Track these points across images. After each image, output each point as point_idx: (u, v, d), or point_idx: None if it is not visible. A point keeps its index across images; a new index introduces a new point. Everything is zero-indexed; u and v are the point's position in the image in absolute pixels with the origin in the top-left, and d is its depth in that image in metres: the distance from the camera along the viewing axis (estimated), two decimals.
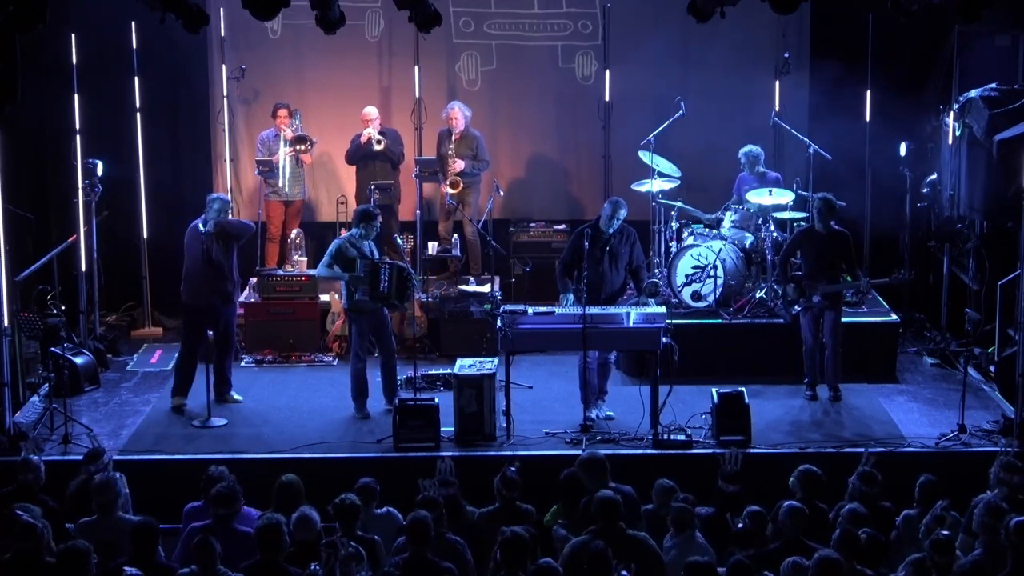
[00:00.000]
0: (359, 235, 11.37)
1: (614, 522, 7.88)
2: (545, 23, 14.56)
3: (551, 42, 14.61)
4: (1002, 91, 12.66)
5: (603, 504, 7.94)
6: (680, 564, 7.46)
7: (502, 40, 14.58)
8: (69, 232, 13.04)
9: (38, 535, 7.59)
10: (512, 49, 14.58)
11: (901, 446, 10.69)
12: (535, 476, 9.27)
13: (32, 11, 8.90)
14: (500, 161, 14.55)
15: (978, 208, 12.92)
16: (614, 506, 7.92)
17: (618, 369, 11.99)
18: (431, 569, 7.56)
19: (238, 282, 11.73)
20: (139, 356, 13.28)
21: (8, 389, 10.83)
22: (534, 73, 14.64)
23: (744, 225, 12.98)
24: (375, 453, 10.60)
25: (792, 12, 10.30)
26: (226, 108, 14.29)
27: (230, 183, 14.42)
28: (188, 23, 10.35)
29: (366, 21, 14.37)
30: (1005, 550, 7.50)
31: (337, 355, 13.08)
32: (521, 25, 14.59)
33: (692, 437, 10.65)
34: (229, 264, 11.49)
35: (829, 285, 11.54)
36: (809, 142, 13.59)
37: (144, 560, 7.64)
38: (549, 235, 14.34)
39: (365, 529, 8.17)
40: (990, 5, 9.73)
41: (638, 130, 13.73)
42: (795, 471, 8.72)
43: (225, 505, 8.18)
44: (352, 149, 13.94)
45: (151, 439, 10.96)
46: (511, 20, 14.58)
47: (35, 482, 8.90)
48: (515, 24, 14.58)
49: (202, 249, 11.30)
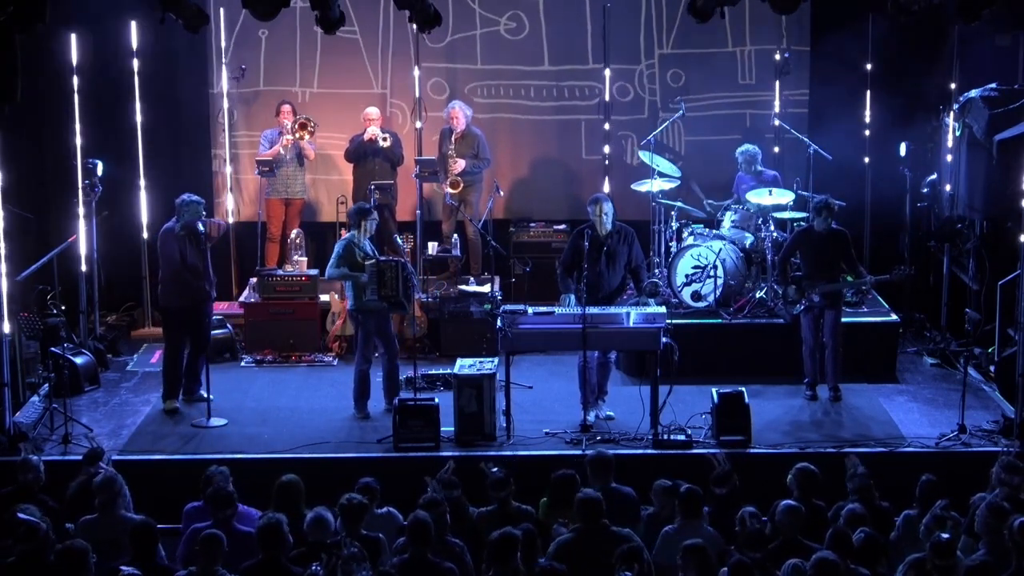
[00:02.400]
0: (357, 234, 11.37)
1: (596, 521, 7.93)
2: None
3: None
4: (1002, 91, 12.65)
5: (584, 503, 8.01)
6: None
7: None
8: (69, 232, 13.03)
9: (42, 536, 7.59)
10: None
11: (901, 446, 10.69)
12: (535, 476, 9.28)
13: (32, 11, 8.91)
14: (500, 161, 14.55)
15: (978, 208, 12.92)
16: (596, 504, 7.99)
17: (618, 369, 11.99)
18: (432, 569, 7.57)
19: (213, 281, 11.73)
20: (139, 356, 13.28)
21: (8, 389, 10.83)
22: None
23: (744, 225, 12.99)
24: (375, 453, 10.60)
25: (792, 12, 10.31)
26: (226, 108, 14.29)
27: (230, 183, 14.42)
28: (188, 23, 10.36)
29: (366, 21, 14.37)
30: (1009, 551, 7.49)
31: (337, 355, 13.07)
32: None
33: (692, 437, 10.65)
34: (204, 264, 11.52)
35: (829, 284, 11.54)
36: (809, 142, 13.59)
37: (144, 560, 7.64)
38: (549, 235, 14.33)
39: (366, 529, 8.16)
40: (990, 5, 9.73)
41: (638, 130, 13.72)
42: (792, 469, 8.73)
43: (219, 507, 8.19)
44: (353, 147, 13.93)
45: (151, 439, 10.96)
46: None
47: (35, 482, 8.91)
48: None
49: (178, 250, 11.33)
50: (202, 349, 11.73)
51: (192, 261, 11.42)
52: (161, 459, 10.55)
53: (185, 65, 14.37)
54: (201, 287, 11.52)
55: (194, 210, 11.43)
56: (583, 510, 8.01)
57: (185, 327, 11.63)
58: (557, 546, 7.92)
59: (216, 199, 14.54)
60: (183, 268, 11.39)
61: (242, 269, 14.32)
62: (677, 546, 7.62)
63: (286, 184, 13.95)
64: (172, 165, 14.39)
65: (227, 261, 14.24)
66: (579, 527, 7.99)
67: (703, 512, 8.35)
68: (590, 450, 9.68)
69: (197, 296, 11.53)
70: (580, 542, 7.91)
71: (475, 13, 14.43)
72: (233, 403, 11.69)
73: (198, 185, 14.24)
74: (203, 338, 11.73)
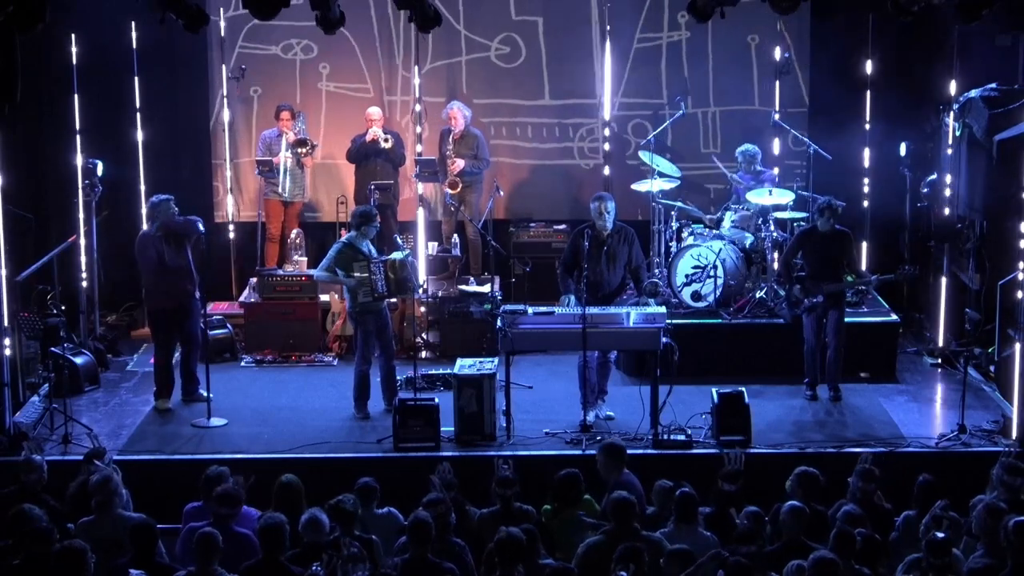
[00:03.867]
0: (357, 236, 11.37)
1: (629, 523, 7.87)
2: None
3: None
4: (1002, 91, 12.64)
5: (617, 505, 7.94)
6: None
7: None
8: (69, 232, 13.03)
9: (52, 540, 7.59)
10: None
11: (901, 446, 10.69)
12: (535, 476, 9.28)
13: (32, 11, 8.90)
14: (500, 161, 14.55)
15: (978, 208, 12.91)
16: (629, 506, 7.92)
17: (618, 369, 11.99)
18: (433, 570, 7.56)
19: (198, 281, 11.64)
20: (139, 356, 13.27)
21: (8, 389, 10.84)
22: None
23: (744, 225, 12.99)
24: (375, 453, 10.60)
25: (792, 12, 10.30)
26: (226, 108, 14.29)
27: (230, 183, 14.42)
28: (188, 23, 10.35)
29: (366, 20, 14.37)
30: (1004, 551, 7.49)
31: (337, 355, 13.07)
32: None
33: (692, 437, 10.65)
34: (186, 264, 11.49)
35: (832, 284, 11.54)
36: (809, 142, 13.59)
37: (143, 560, 7.64)
38: (549, 235, 14.33)
39: (365, 529, 8.18)
40: (990, 5, 9.72)
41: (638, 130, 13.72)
42: (792, 473, 8.71)
43: (227, 505, 8.19)
44: (354, 148, 13.93)
45: (151, 439, 10.96)
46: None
47: (38, 482, 8.90)
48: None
49: (156, 253, 11.33)
50: (194, 348, 11.72)
51: (172, 262, 11.39)
52: (161, 459, 10.55)
53: (185, 65, 14.37)
54: (184, 288, 11.48)
55: (166, 208, 11.41)
56: (615, 511, 7.91)
57: (172, 328, 11.61)
58: (587, 548, 7.83)
59: (216, 199, 14.55)
60: (163, 270, 11.38)
61: (242, 269, 14.31)
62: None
63: (286, 186, 13.94)
64: (172, 165, 14.39)
65: (227, 261, 14.24)
66: (609, 529, 7.92)
67: (698, 516, 8.33)
68: (592, 449, 9.68)
69: (181, 297, 11.50)
70: (610, 545, 7.75)
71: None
72: (233, 403, 11.68)
73: (198, 185, 14.32)
74: (193, 337, 11.70)
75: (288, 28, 14.03)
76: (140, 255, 11.54)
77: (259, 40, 14.32)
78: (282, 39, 14.35)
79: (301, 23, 13.01)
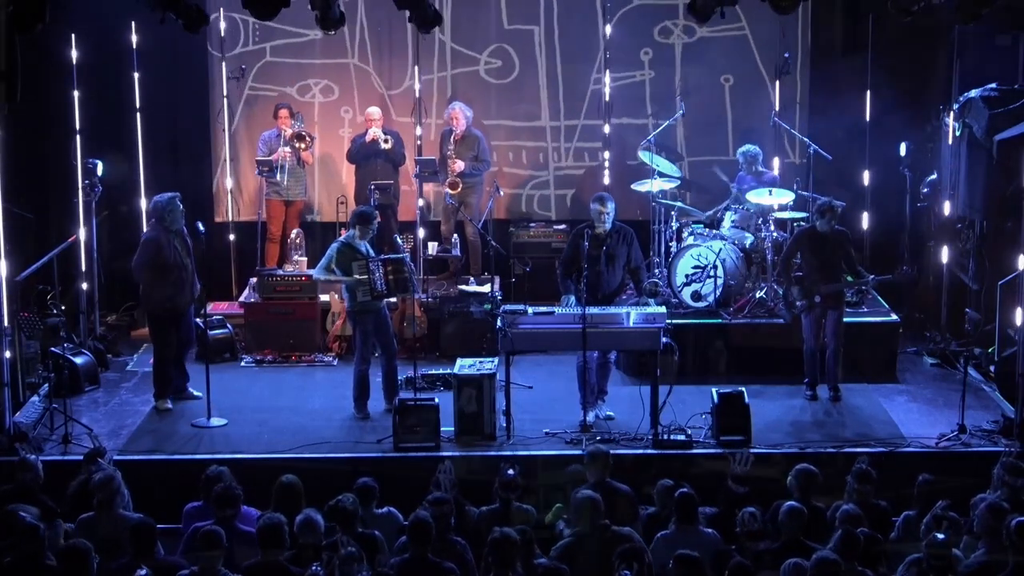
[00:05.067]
0: (355, 236, 11.36)
1: (596, 521, 7.89)
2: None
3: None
4: (1002, 91, 12.65)
5: (583, 504, 7.97)
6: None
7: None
8: (69, 232, 13.03)
9: (41, 537, 7.59)
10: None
11: (901, 446, 10.69)
12: (535, 476, 9.28)
13: (32, 11, 8.90)
14: (500, 161, 14.55)
15: (978, 208, 12.91)
16: (595, 505, 7.95)
17: (618, 369, 11.99)
18: (433, 569, 7.57)
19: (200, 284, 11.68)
20: (139, 356, 13.26)
21: (8, 389, 10.83)
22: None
23: (744, 225, 12.99)
24: (375, 453, 10.59)
25: (792, 12, 10.31)
26: (226, 108, 14.29)
27: (230, 183, 14.42)
28: (188, 23, 10.37)
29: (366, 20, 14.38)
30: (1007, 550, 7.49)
31: (337, 355, 13.07)
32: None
33: (692, 437, 10.65)
34: (191, 265, 11.51)
35: (831, 284, 11.54)
36: (809, 142, 13.59)
37: (144, 559, 7.63)
38: (549, 235, 14.33)
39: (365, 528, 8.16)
40: (990, 5, 9.73)
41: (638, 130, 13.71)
42: (792, 470, 8.73)
43: (226, 506, 8.19)
44: (355, 148, 13.94)
45: (151, 439, 10.95)
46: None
47: (34, 481, 8.90)
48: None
49: (164, 255, 11.31)
50: (187, 347, 11.74)
51: (178, 262, 11.39)
52: (161, 459, 10.54)
53: (185, 65, 14.37)
54: (190, 289, 11.49)
55: (175, 208, 11.40)
56: (581, 511, 7.97)
57: (171, 328, 11.62)
58: (560, 550, 7.86)
59: (216, 199, 14.54)
60: (169, 271, 11.37)
61: (242, 269, 14.31)
62: (671, 551, 7.63)
63: (286, 185, 13.94)
64: (172, 165, 14.39)
65: (227, 261, 14.24)
66: (579, 529, 7.96)
67: (698, 516, 8.33)
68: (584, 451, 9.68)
69: (184, 299, 11.50)
70: (581, 544, 7.88)
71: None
72: (233, 403, 11.66)
73: (198, 185, 14.31)
74: (189, 336, 11.73)
75: (288, 27, 14.05)
76: (148, 258, 11.44)
77: (258, 38, 14.33)
78: (282, 37, 14.36)
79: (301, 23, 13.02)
